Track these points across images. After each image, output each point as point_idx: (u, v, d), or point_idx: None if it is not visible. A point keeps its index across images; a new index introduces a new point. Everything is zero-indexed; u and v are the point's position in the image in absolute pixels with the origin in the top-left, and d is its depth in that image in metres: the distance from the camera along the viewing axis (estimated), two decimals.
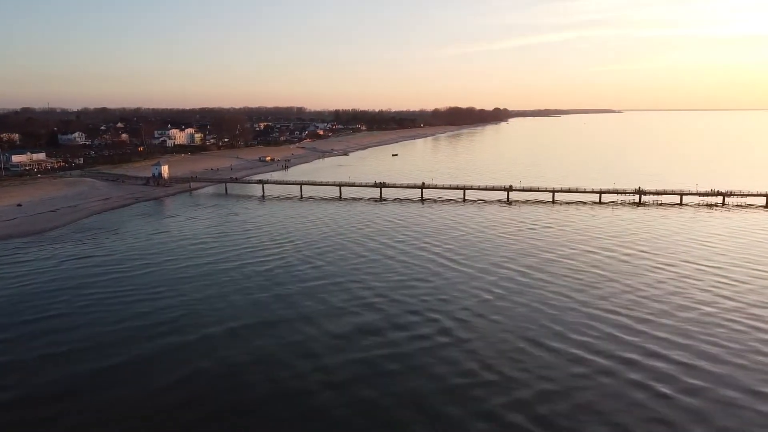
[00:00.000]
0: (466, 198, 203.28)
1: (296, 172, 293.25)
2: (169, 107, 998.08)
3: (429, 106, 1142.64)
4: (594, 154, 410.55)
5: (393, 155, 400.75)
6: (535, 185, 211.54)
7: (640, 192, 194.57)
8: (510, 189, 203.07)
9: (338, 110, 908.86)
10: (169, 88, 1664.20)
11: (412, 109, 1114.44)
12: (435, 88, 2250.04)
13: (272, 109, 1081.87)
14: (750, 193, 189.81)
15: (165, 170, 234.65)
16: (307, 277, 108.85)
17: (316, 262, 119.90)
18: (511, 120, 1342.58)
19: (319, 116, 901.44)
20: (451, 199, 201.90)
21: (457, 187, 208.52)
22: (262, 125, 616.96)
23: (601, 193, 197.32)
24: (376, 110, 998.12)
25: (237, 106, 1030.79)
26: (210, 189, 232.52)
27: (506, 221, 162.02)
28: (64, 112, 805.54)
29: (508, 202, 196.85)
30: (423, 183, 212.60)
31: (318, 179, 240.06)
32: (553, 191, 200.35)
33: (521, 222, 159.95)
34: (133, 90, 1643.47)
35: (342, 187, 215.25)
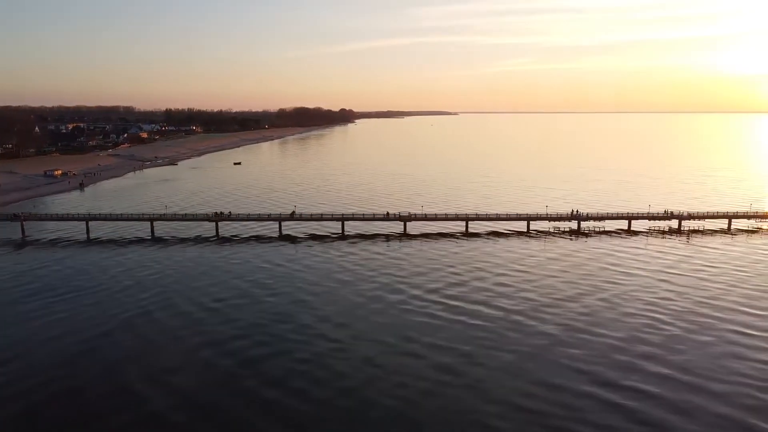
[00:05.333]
0: (345, 232, 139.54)
1: (96, 194, 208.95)
2: None
3: (273, 106, 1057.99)
4: (485, 158, 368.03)
5: (235, 163, 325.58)
6: (448, 211, 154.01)
7: (679, 216, 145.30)
8: (408, 218, 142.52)
9: (169, 109, 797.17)
10: None
11: (255, 110, 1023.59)
12: (278, 89, 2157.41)
13: (94, 108, 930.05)
14: None
15: None
16: None
17: None
18: (357, 121, 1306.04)
19: (150, 117, 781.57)
20: (325, 236, 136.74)
21: (332, 217, 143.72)
22: (70, 127, 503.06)
23: (630, 219, 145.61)
24: (215, 110, 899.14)
25: (49, 105, 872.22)
26: None
27: (418, 284, 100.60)
28: None
29: (405, 235, 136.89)
30: (293, 213, 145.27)
31: (120, 208, 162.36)
32: (528, 219, 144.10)
33: (456, 294, 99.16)
34: None
35: (155, 223, 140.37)
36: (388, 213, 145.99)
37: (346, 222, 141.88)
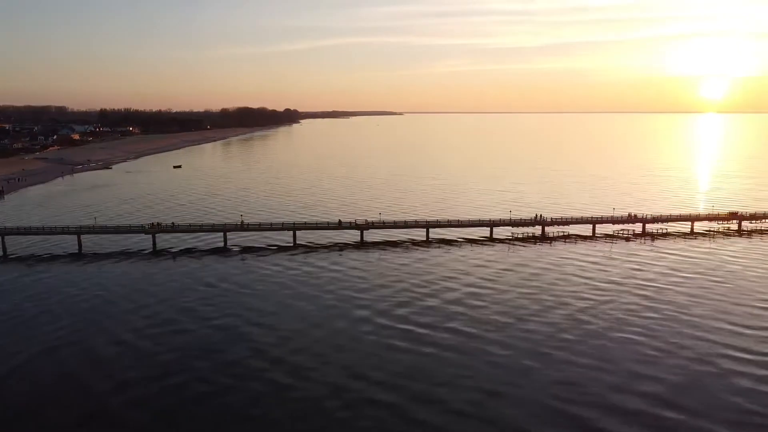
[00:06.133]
0: (297, 241, 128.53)
1: (18, 202, 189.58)
2: None
3: (215, 106, 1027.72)
4: (435, 159, 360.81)
5: (175, 167, 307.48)
6: (405, 217, 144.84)
7: (643, 220, 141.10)
8: (365, 227, 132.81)
9: (104, 109, 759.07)
10: None
11: (196, 110, 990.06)
12: (221, 88, 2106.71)
13: (22, 108, 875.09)
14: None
15: None
16: None
17: None
18: (302, 121, 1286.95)
19: (84, 117, 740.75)
20: (274, 248, 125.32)
21: (283, 227, 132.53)
22: None
23: (594, 223, 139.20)
24: (154, 110, 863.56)
25: None
26: None
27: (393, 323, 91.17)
28: None
29: (362, 244, 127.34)
30: (242, 223, 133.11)
31: (43, 220, 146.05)
32: (491, 225, 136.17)
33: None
34: None
35: (82, 236, 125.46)
36: (340, 221, 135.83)
37: (298, 231, 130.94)
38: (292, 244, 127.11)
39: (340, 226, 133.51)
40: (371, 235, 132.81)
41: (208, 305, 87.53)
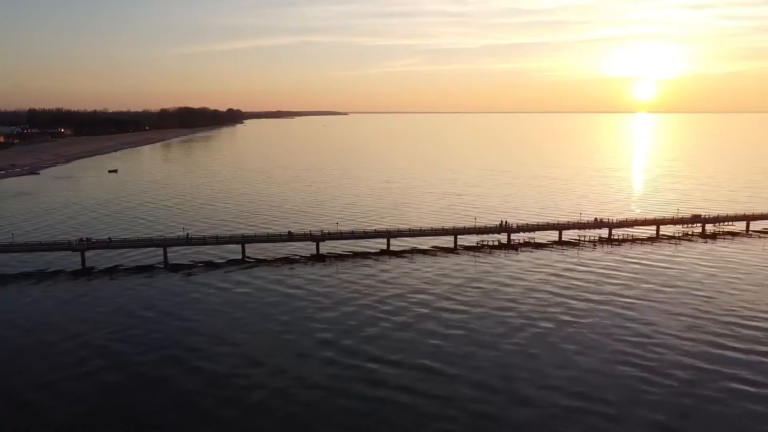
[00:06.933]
0: (246, 255, 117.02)
1: None
2: None
3: (154, 106, 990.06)
4: (389, 160, 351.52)
5: (110, 171, 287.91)
6: (365, 224, 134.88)
7: (609, 225, 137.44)
8: (321, 238, 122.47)
9: (33, 109, 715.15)
10: None
11: (134, 110, 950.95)
12: (160, 88, 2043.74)
13: None
14: (729, 216, 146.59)
15: None
16: None
17: None
18: (246, 121, 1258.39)
19: (11, 118, 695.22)
20: (218, 265, 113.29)
21: (230, 240, 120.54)
22: None
23: (561, 228, 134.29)
24: (89, 110, 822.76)
25: None
26: None
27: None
28: None
29: (318, 257, 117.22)
30: (188, 236, 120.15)
31: None
32: (455, 233, 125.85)
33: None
34: None
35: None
36: (290, 233, 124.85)
37: (247, 244, 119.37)
38: (240, 258, 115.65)
39: (290, 238, 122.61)
40: (328, 247, 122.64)
41: (130, 341, 74.81)
